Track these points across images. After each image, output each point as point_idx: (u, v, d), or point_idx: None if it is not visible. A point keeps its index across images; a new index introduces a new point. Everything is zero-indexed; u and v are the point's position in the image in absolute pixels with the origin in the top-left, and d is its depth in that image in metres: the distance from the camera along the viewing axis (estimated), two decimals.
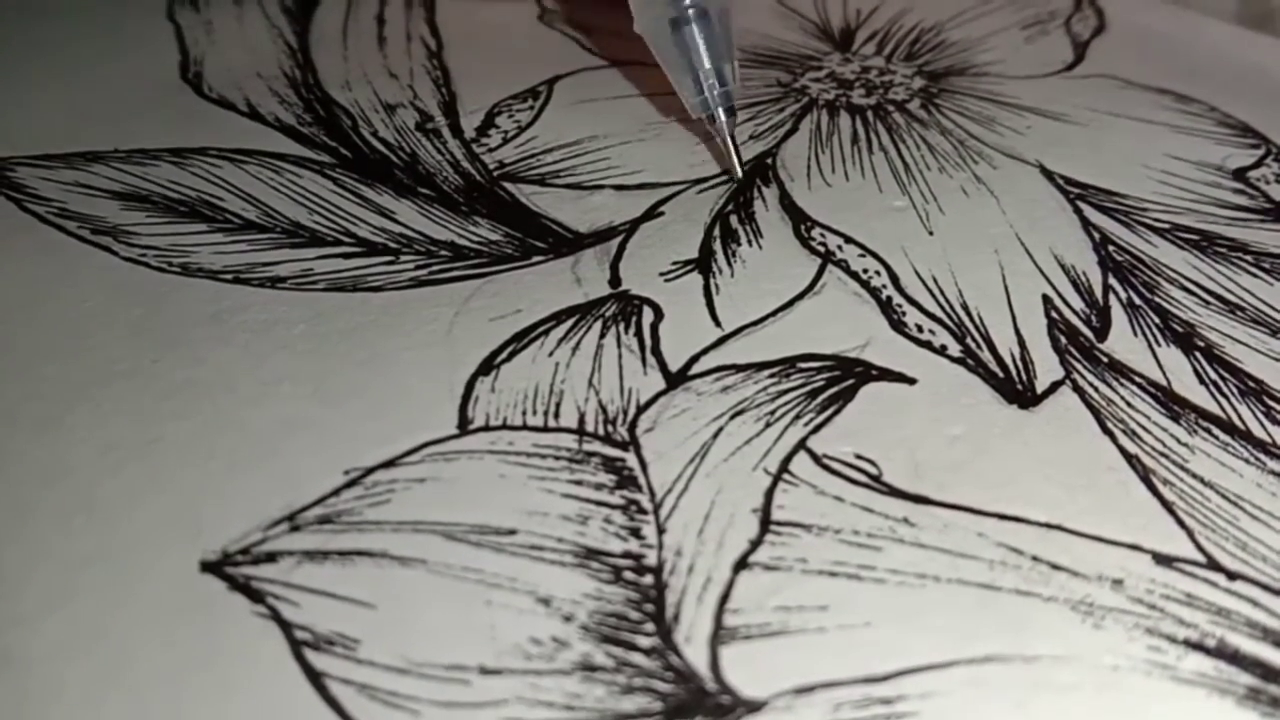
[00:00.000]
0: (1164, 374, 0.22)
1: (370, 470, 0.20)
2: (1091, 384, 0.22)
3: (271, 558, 0.19)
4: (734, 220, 0.25)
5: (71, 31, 0.31)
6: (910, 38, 0.32)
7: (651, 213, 0.25)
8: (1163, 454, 0.21)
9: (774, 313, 0.23)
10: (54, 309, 0.23)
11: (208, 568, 0.19)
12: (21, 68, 0.30)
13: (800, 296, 0.24)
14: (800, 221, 0.25)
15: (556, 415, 0.21)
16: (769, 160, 0.27)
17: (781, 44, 0.32)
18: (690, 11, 0.25)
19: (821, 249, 0.25)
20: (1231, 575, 0.19)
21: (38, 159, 0.26)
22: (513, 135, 0.28)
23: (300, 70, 0.30)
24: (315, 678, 0.17)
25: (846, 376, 0.22)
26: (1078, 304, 0.24)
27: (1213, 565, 0.19)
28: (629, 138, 0.28)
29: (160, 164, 0.26)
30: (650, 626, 0.18)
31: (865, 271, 0.24)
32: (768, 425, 0.21)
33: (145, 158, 0.27)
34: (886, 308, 0.23)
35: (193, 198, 0.25)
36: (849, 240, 0.25)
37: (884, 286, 0.24)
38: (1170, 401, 0.22)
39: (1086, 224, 0.25)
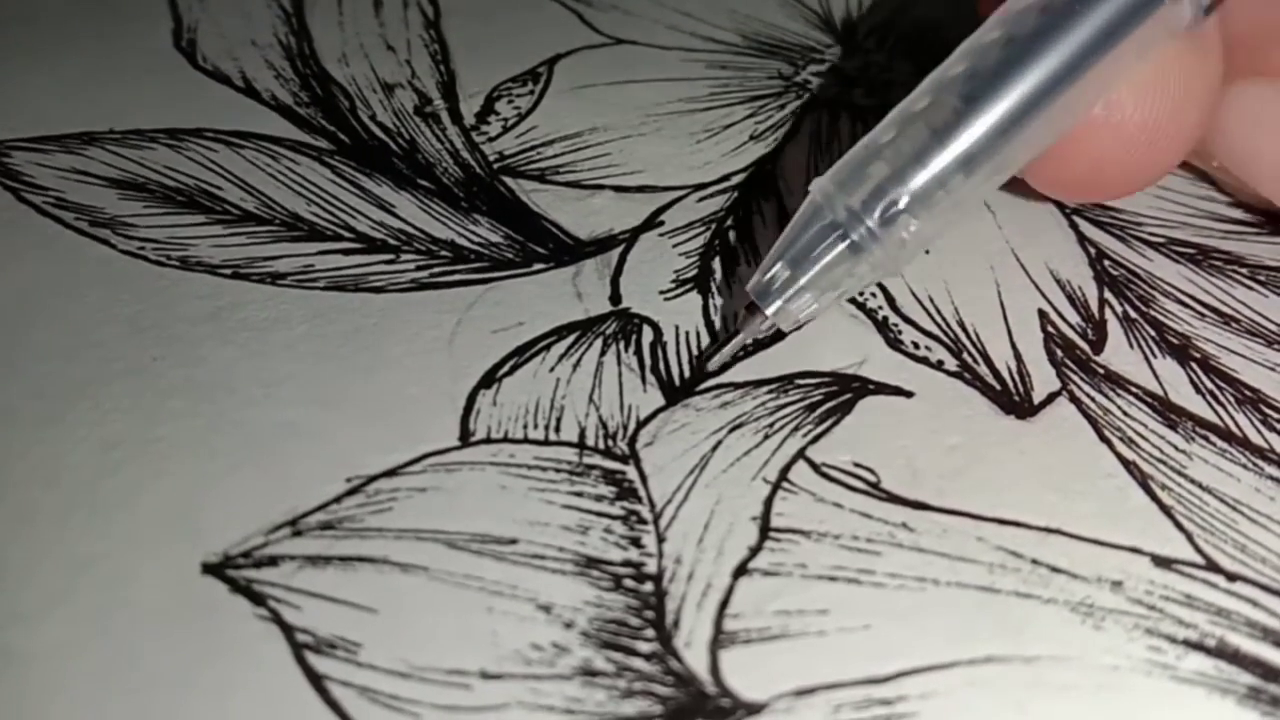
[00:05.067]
0: (1160, 384, 0.23)
1: (372, 478, 0.20)
2: (1088, 394, 0.22)
3: (273, 561, 0.19)
4: (732, 237, 0.25)
5: None
6: (913, 33, 0.32)
7: (651, 221, 0.26)
8: (1160, 460, 0.21)
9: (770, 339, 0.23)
10: (54, 305, 0.23)
11: (209, 570, 0.19)
12: (13, 34, 0.30)
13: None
14: None
15: (557, 429, 0.21)
16: (769, 168, 0.27)
17: (784, 33, 0.32)
18: (856, 235, 0.20)
19: None
20: (1231, 576, 0.19)
21: (33, 141, 0.27)
22: (513, 123, 0.28)
23: (295, 38, 0.30)
24: (316, 680, 0.17)
25: (844, 391, 0.22)
26: (1073, 318, 0.24)
27: (1212, 567, 0.20)
28: (629, 131, 0.28)
29: (156, 147, 0.27)
30: (650, 632, 0.18)
31: (861, 294, 0.24)
32: (766, 437, 0.21)
33: (141, 140, 0.27)
34: (883, 327, 0.24)
35: (190, 186, 0.26)
36: None
37: (880, 308, 0.24)
38: (1167, 410, 0.22)
39: (1082, 239, 0.26)
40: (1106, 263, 0.25)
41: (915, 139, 0.20)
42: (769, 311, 0.21)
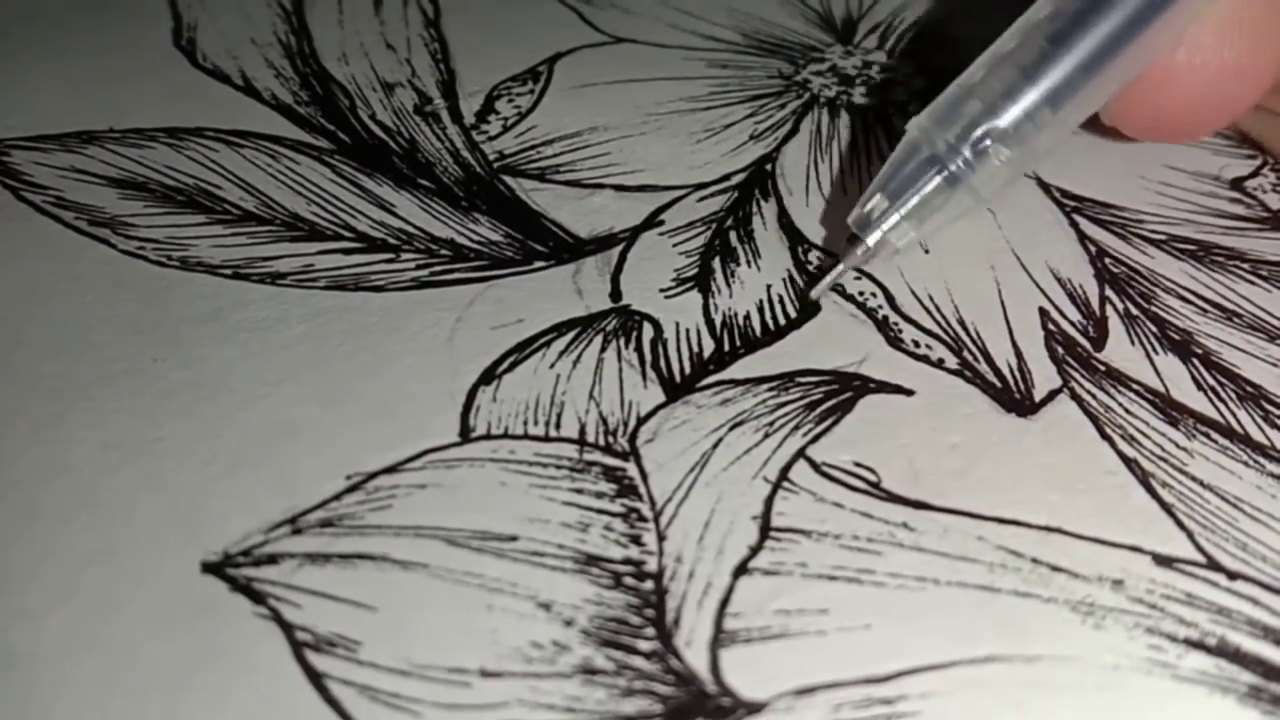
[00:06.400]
0: (1162, 381, 0.23)
1: (372, 475, 0.20)
2: (1089, 392, 0.22)
3: (273, 559, 0.19)
4: (733, 237, 0.25)
5: None
6: (912, 33, 0.32)
7: (652, 220, 0.26)
8: (1161, 458, 0.21)
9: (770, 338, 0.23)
10: (53, 305, 0.23)
11: (209, 569, 0.19)
12: (13, 34, 0.30)
13: (795, 321, 0.24)
14: (797, 243, 0.25)
15: (557, 426, 0.21)
16: (768, 167, 0.27)
17: (784, 31, 0.32)
18: (954, 166, 0.22)
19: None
20: (1232, 575, 0.19)
21: (33, 140, 0.27)
22: (513, 122, 0.28)
23: (295, 36, 0.30)
24: (316, 678, 0.17)
25: (844, 389, 0.22)
26: (1074, 316, 0.24)
27: (1213, 565, 0.19)
28: (630, 130, 0.28)
29: (156, 146, 0.27)
30: (650, 631, 0.18)
31: (861, 294, 0.24)
32: (766, 436, 0.21)
33: (141, 139, 0.27)
34: (883, 326, 0.24)
35: (190, 186, 0.26)
36: None
37: (880, 307, 0.24)
38: (1168, 407, 0.22)
39: (1083, 237, 0.26)
40: (1107, 260, 0.25)
41: (1005, 78, 0.22)
42: (870, 241, 0.23)
